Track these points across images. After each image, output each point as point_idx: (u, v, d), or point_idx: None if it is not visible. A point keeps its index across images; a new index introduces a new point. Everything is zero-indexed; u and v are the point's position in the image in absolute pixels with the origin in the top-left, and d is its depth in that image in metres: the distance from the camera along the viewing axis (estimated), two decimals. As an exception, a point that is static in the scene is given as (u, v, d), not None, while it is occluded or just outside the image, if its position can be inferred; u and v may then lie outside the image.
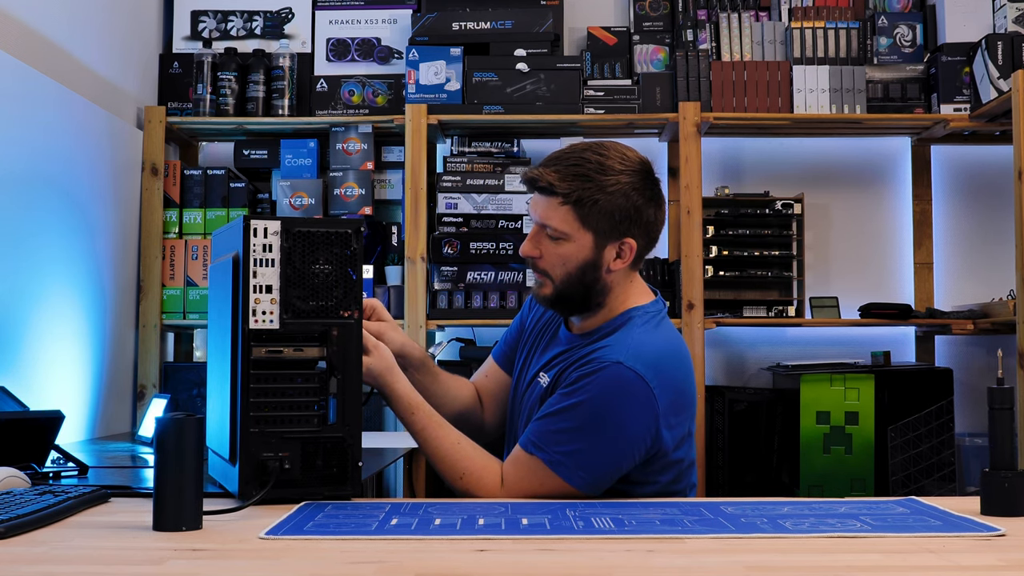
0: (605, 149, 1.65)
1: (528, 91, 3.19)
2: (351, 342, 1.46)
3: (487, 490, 1.56)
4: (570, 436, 1.52)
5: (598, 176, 1.61)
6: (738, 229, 3.23)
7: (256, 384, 1.42)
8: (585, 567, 1.05)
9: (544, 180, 1.61)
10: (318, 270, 1.44)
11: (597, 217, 1.61)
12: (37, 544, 1.15)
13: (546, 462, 1.52)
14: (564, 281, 1.64)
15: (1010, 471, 1.29)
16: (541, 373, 1.69)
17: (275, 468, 1.41)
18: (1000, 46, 3.04)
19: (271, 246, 1.43)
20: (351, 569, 1.03)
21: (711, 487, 3.11)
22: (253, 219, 1.43)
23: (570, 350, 1.67)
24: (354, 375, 1.46)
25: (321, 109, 3.29)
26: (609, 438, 1.52)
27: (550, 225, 1.62)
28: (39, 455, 1.79)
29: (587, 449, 1.51)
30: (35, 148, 2.44)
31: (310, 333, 1.44)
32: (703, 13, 3.30)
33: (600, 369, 1.54)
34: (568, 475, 1.51)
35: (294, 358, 1.44)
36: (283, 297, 1.43)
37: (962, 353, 3.39)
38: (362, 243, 1.48)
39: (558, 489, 1.52)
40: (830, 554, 1.10)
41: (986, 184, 3.41)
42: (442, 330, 3.29)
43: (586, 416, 1.52)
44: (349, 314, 1.45)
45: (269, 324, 1.43)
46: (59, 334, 2.53)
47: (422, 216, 3.12)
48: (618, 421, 1.53)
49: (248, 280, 1.43)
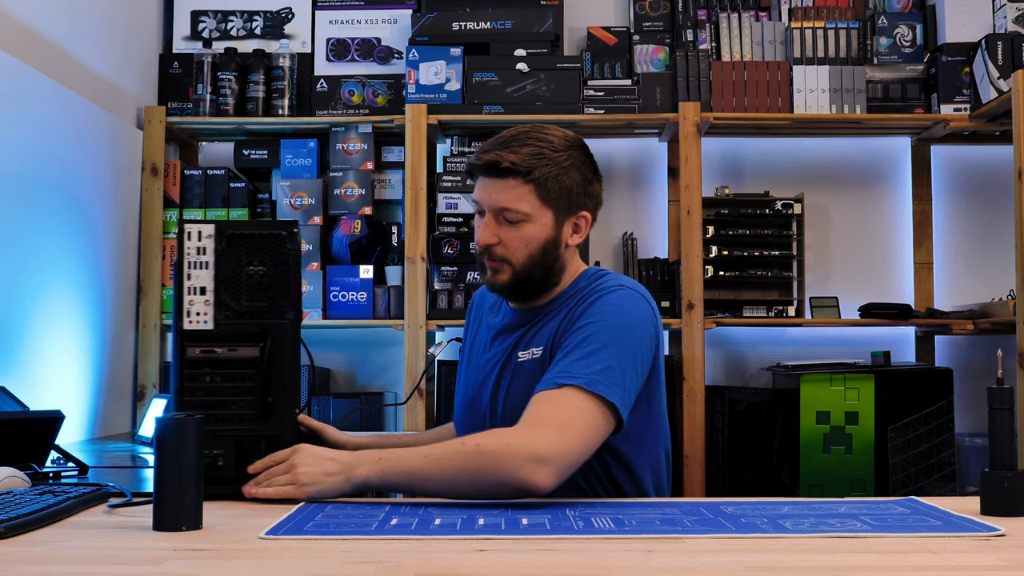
0: (544, 129, 1.67)
1: (528, 91, 3.20)
2: (285, 342, 1.47)
3: (510, 439, 1.42)
4: (598, 357, 1.51)
5: (552, 154, 1.63)
6: (738, 229, 3.23)
7: (190, 383, 1.46)
8: (585, 567, 1.05)
9: (507, 161, 1.60)
10: (252, 271, 1.47)
11: (557, 194, 1.63)
12: (37, 544, 1.15)
13: (583, 384, 1.47)
14: (526, 264, 1.64)
15: (1010, 471, 1.29)
16: (519, 353, 1.67)
17: (208, 464, 1.44)
18: (1000, 46, 3.04)
19: (205, 249, 1.47)
20: (351, 569, 1.03)
21: (711, 487, 3.11)
22: (188, 223, 1.48)
23: (547, 316, 1.67)
24: (288, 374, 1.48)
25: (321, 109, 3.29)
26: (632, 353, 1.55)
27: (511, 207, 1.62)
28: (39, 455, 1.79)
29: (616, 365, 1.51)
30: (35, 148, 2.44)
31: (244, 333, 1.47)
32: (703, 13, 3.31)
33: (606, 293, 1.60)
34: (607, 391, 1.48)
35: (228, 358, 1.47)
36: (217, 298, 1.47)
37: (962, 353, 3.39)
38: (298, 244, 1.49)
39: (591, 414, 1.47)
40: (830, 554, 1.10)
41: (986, 184, 3.41)
42: (442, 330, 3.29)
43: (607, 336, 1.54)
44: (284, 314, 1.47)
45: (203, 325, 1.46)
46: (59, 334, 2.53)
47: (422, 216, 3.12)
48: (637, 337, 1.57)
49: (183, 282, 1.47)
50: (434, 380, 3.16)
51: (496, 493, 1.41)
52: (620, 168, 3.47)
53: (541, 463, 1.39)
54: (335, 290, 3.16)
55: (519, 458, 1.39)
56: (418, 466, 1.43)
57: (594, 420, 1.47)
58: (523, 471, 1.38)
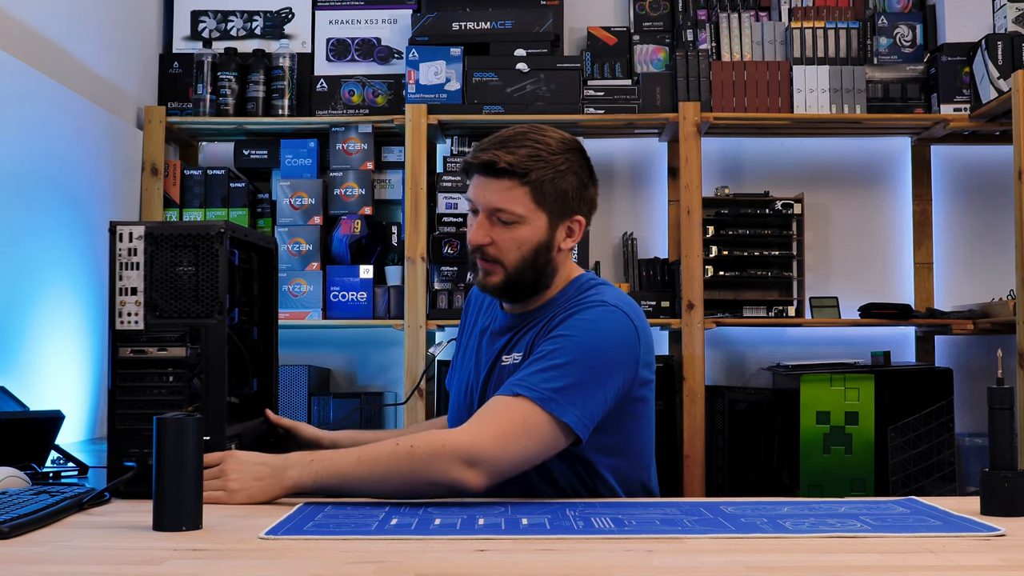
0: (542, 131, 1.66)
1: (528, 91, 3.20)
2: (214, 342, 1.49)
3: (446, 440, 1.42)
4: (559, 372, 1.49)
5: (550, 156, 1.62)
6: (738, 229, 3.23)
7: (122, 383, 1.49)
8: (585, 567, 1.05)
9: (503, 162, 1.59)
10: (181, 272, 1.49)
11: (553, 197, 1.62)
12: (37, 544, 1.15)
13: (536, 400, 1.46)
14: (518, 266, 1.63)
15: (1010, 471, 1.29)
16: (503, 356, 1.67)
17: (134, 465, 1.46)
18: (1000, 46, 3.04)
19: (136, 250, 1.49)
20: (351, 569, 1.03)
21: (711, 487, 3.11)
22: (119, 224, 1.50)
23: (532, 322, 1.65)
24: (217, 374, 1.49)
25: (321, 109, 3.29)
26: (600, 374, 1.52)
27: (505, 208, 1.60)
28: (39, 455, 1.79)
29: (578, 384, 1.49)
30: (35, 148, 2.44)
31: (174, 334, 1.48)
32: (703, 13, 3.31)
33: (585, 309, 1.58)
34: (560, 410, 1.46)
35: (158, 358, 1.49)
36: (147, 299, 1.49)
37: (962, 353, 3.39)
38: (226, 245, 1.50)
39: (539, 428, 1.46)
40: (830, 554, 1.10)
41: (986, 184, 3.41)
42: (442, 330, 3.29)
43: (575, 352, 1.51)
44: (212, 315, 1.49)
45: (134, 325, 1.49)
46: (59, 334, 2.53)
47: (422, 216, 3.12)
48: (608, 357, 1.54)
49: (115, 283, 1.49)
50: (434, 380, 3.16)
51: (426, 492, 1.44)
52: (620, 168, 3.47)
53: (473, 466, 1.42)
54: (335, 290, 3.16)
55: (451, 460, 1.41)
56: (351, 468, 1.44)
57: (539, 434, 1.46)
58: (455, 472, 1.41)
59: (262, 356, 1.79)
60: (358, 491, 1.44)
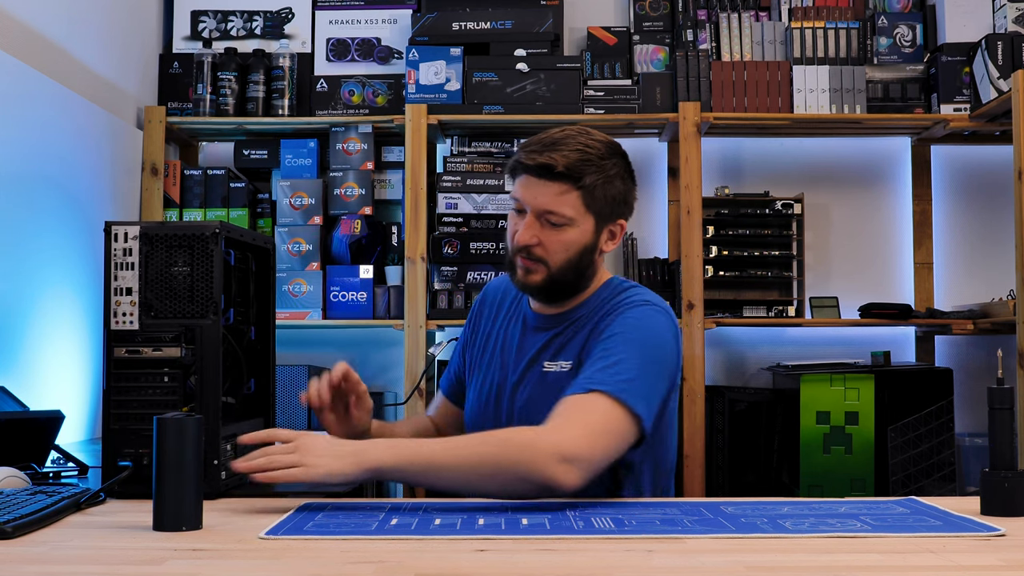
0: (589, 133, 1.66)
1: (528, 91, 3.20)
2: (209, 343, 1.49)
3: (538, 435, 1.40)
4: (625, 367, 1.51)
5: (600, 161, 1.63)
6: (738, 229, 3.23)
7: (116, 383, 1.49)
8: (585, 567, 1.05)
9: (561, 166, 1.60)
10: (177, 272, 1.50)
11: (602, 202, 1.63)
12: (37, 544, 1.16)
13: (612, 393, 1.46)
14: (562, 267, 1.64)
15: (1010, 471, 1.29)
16: (546, 363, 1.67)
17: (129, 464, 1.46)
18: (1000, 46, 3.04)
19: (131, 250, 1.50)
20: (351, 569, 1.03)
21: (711, 487, 3.11)
22: (114, 224, 1.50)
23: (571, 324, 1.67)
24: (212, 374, 1.49)
25: (321, 109, 3.29)
26: (656, 366, 1.55)
27: (557, 211, 1.61)
28: (39, 455, 1.79)
29: (640, 377, 1.51)
30: (35, 148, 2.44)
31: (169, 334, 1.49)
32: (703, 13, 3.31)
33: (633, 307, 1.61)
34: (634, 402, 1.47)
35: (153, 358, 1.49)
36: (142, 299, 1.49)
37: (962, 353, 3.39)
38: (221, 246, 1.50)
39: (619, 422, 1.46)
40: (830, 554, 1.10)
41: (986, 184, 3.41)
42: (442, 330, 3.29)
43: (633, 348, 1.54)
44: (207, 315, 1.49)
45: (129, 325, 1.49)
46: (59, 334, 2.53)
47: (422, 216, 3.12)
48: (662, 352, 1.58)
49: (111, 283, 1.49)
50: (434, 380, 3.16)
51: (515, 489, 1.40)
52: (620, 168, 3.46)
53: (568, 463, 1.39)
54: (335, 290, 3.16)
55: (547, 455, 1.37)
56: (439, 455, 1.39)
57: (619, 428, 1.47)
58: (550, 469, 1.37)
59: (259, 356, 1.79)
60: (442, 479, 1.39)
